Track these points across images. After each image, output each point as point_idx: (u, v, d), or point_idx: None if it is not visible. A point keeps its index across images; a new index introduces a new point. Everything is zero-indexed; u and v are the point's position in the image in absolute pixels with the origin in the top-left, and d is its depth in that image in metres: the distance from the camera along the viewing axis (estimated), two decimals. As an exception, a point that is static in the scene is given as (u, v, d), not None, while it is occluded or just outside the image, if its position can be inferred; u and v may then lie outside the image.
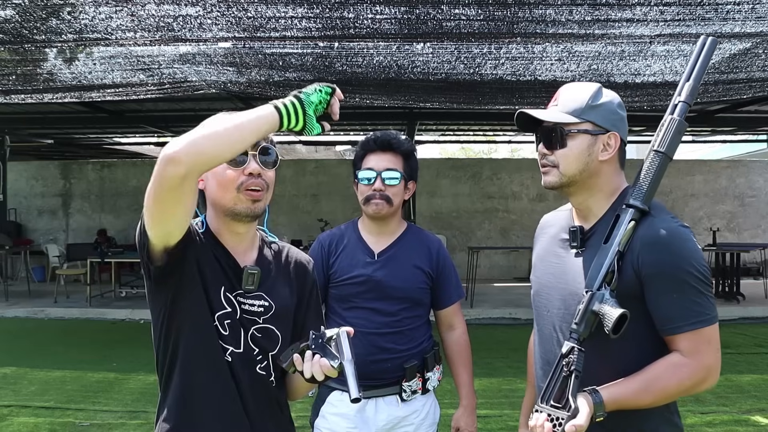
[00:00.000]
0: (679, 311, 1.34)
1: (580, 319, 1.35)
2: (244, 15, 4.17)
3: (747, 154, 15.93)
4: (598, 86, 1.48)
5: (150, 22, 4.21)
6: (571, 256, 1.50)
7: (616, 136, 1.46)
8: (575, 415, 1.29)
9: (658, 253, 1.35)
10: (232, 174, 1.40)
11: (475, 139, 15.93)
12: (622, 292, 1.36)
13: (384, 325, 2.07)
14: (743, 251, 10.32)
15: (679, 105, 1.44)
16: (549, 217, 1.70)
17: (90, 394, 5.18)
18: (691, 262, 1.35)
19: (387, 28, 4.47)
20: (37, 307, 9.36)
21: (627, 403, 1.34)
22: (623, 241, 1.37)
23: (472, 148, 29.10)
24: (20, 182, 13.20)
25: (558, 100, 1.49)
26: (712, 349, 1.35)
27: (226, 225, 1.45)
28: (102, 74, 5.50)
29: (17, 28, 4.26)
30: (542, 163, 1.49)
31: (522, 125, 1.53)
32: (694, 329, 1.34)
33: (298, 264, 1.60)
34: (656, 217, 1.39)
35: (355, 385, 1.29)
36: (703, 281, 1.36)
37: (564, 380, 1.34)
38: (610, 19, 4.20)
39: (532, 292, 1.64)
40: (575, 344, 1.35)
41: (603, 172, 1.46)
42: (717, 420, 4.48)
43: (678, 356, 1.35)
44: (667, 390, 1.36)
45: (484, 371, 5.71)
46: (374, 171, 2.10)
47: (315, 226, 10.81)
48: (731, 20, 4.18)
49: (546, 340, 1.54)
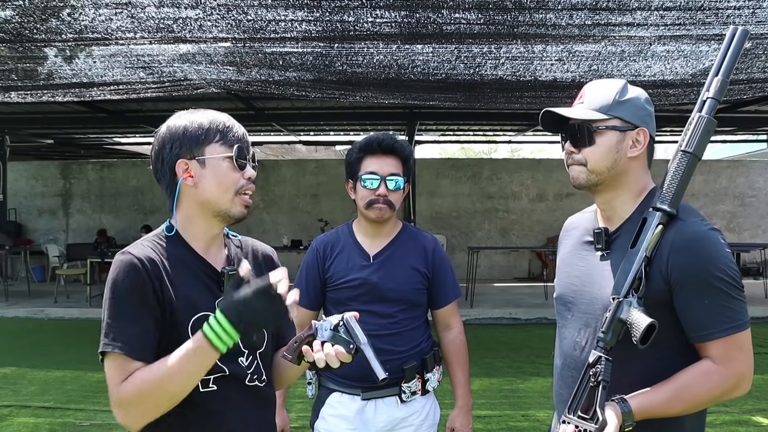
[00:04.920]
0: (710, 317, 1.30)
1: (607, 328, 1.31)
2: (244, 18, 4.17)
3: (747, 154, 15.92)
4: (624, 82, 1.44)
5: (150, 24, 4.22)
6: (596, 259, 1.46)
7: (645, 132, 1.42)
8: (603, 428, 1.26)
9: (688, 257, 1.31)
10: (235, 176, 1.36)
11: (475, 139, 15.93)
12: (650, 299, 1.32)
13: (381, 327, 2.06)
14: (743, 251, 10.31)
15: (707, 101, 1.37)
16: (573, 219, 1.66)
17: (90, 394, 5.18)
18: (721, 266, 1.31)
19: (387, 32, 4.46)
20: (37, 307, 9.36)
21: (656, 412, 1.30)
22: (651, 246, 1.33)
23: (472, 148, 29.10)
24: (20, 182, 13.19)
25: (583, 98, 1.45)
26: (744, 356, 1.32)
27: (207, 226, 1.39)
28: (102, 71, 5.50)
29: (17, 29, 4.26)
30: (569, 162, 1.45)
31: (546, 125, 1.48)
32: (726, 335, 1.30)
33: (264, 255, 1.55)
34: (686, 221, 1.35)
35: (379, 366, 1.29)
36: (735, 286, 1.32)
37: (591, 391, 1.31)
38: (611, 23, 4.20)
39: (555, 295, 1.59)
40: (602, 353, 1.31)
41: (631, 170, 1.42)
42: (718, 420, 4.47)
43: (709, 363, 1.31)
44: (698, 398, 1.32)
45: (484, 371, 5.71)
46: (378, 176, 2.09)
47: (315, 226, 10.81)
48: (732, 24, 4.17)
49: (567, 345, 1.50)
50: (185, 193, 1.36)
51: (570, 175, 1.45)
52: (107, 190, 13.37)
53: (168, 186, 1.38)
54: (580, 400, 1.32)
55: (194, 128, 1.35)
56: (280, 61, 5.32)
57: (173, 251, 1.36)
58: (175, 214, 1.38)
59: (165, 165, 1.36)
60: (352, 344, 1.30)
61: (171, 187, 1.37)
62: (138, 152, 14.53)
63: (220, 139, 1.35)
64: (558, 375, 1.54)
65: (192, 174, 1.34)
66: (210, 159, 1.34)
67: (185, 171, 1.35)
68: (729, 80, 1.39)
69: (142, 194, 13.19)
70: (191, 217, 1.38)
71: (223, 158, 1.35)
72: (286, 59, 5.25)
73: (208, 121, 1.36)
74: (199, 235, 1.39)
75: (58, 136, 12.77)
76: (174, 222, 1.39)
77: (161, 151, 1.36)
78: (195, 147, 1.35)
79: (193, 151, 1.34)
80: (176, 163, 1.35)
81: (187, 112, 1.40)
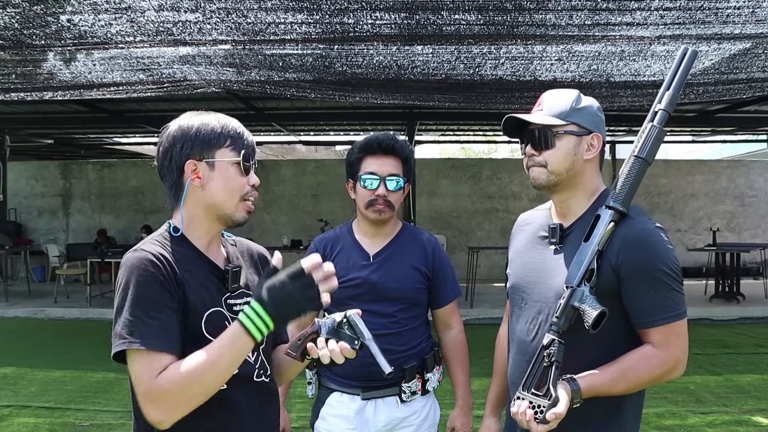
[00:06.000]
0: (653, 306, 1.44)
1: (560, 313, 1.44)
2: (244, 21, 4.17)
3: (747, 154, 15.92)
4: (578, 92, 1.58)
5: (149, 28, 4.22)
6: (550, 252, 1.58)
7: (599, 137, 1.56)
8: (555, 403, 1.36)
9: (637, 252, 1.44)
10: (242, 181, 1.38)
11: (475, 139, 15.93)
12: (601, 288, 1.44)
13: (381, 326, 2.06)
14: (743, 251, 10.30)
15: (659, 113, 1.51)
16: (527, 215, 1.79)
17: (90, 394, 5.18)
18: (666, 261, 1.44)
19: (387, 33, 4.47)
20: (37, 307, 9.36)
21: (602, 390, 1.43)
22: (603, 241, 1.46)
23: (472, 148, 29.09)
24: (20, 182, 13.20)
25: (542, 105, 1.57)
26: (681, 342, 1.46)
27: (209, 227, 1.41)
28: (101, 74, 5.51)
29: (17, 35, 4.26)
30: (529, 164, 1.57)
31: (507, 130, 1.60)
32: (666, 323, 1.44)
33: (260, 255, 1.58)
34: (635, 219, 1.48)
35: (384, 361, 1.32)
36: (676, 279, 1.46)
37: (545, 370, 1.42)
38: (610, 23, 4.20)
39: (508, 285, 1.73)
40: (556, 336, 1.43)
41: (586, 172, 1.55)
42: (718, 420, 4.47)
43: (650, 348, 1.45)
44: (639, 378, 1.45)
45: (484, 371, 5.66)
46: (377, 176, 2.09)
47: (315, 226, 10.81)
48: (731, 23, 4.18)
49: (520, 331, 1.61)
50: (191, 193, 1.38)
51: (531, 176, 1.57)
52: (107, 190, 13.37)
53: (173, 185, 1.39)
54: (534, 379, 1.43)
55: (206, 131, 1.37)
56: (279, 63, 5.33)
57: (180, 250, 1.37)
58: (181, 212, 1.39)
59: (173, 163, 1.37)
60: (356, 340, 1.32)
61: (176, 185, 1.39)
62: (138, 152, 14.53)
63: (230, 144, 1.38)
64: (512, 360, 1.66)
65: (200, 175, 1.36)
66: (219, 162, 1.37)
67: (193, 172, 1.36)
68: (678, 94, 1.53)
69: (142, 194, 13.19)
70: (195, 217, 1.40)
71: (231, 163, 1.37)
72: (286, 61, 5.25)
73: (220, 125, 1.39)
74: (201, 235, 1.41)
75: (58, 136, 12.78)
76: (176, 221, 1.40)
77: (171, 148, 1.37)
78: (205, 149, 1.36)
79: (203, 153, 1.36)
80: (185, 162, 1.36)
81: (197, 113, 1.42)
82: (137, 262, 1.28)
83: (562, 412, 1.35)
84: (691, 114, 10.25)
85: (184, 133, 1.37)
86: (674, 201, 12.65)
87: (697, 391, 5.08)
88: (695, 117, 10.02)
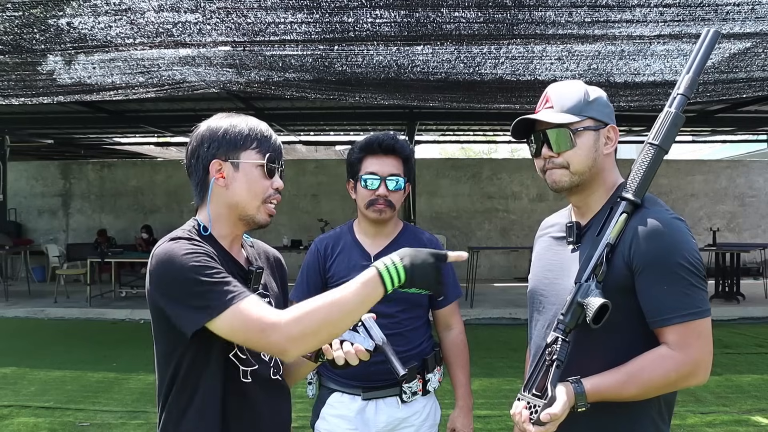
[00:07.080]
0: (669, 303, 1.32)
1: (566, 310, 1.35)
2: (244, 21, 4.17)
3: (747, 154, 15.93)
4: (583, 84, 1.50)
5: (149, 29, 4.22)
6: (567, 252, 1.49)
7: (615, 129, 1.47)
8: (551, 403, 1.28)
9: (650, 243, 1.34)
10: (265, 184, 1.41)
11: (475, 139, 15.92)
12: (613, 284, 1.35)
13: (383, 327, 2.05)
14: (743, 251, 10.31)
15: (677, 98, 1.43)
16: (550, 219, 1.70)
17: (90, 394, 5.18)
18: (683, 253, 1.33)
19: (386, 32, 4.47)
20: (37, 307, 9.36)
21: (610, 394, 1.32)
22: (614, 234, 1.36)
23: (472, 148, 29.09)
24: (20, 182, 13.19)
25: (551, 101, 1.47)
26: (702, 344, 1.33)
27: (232, 227, 1.44)
28: (101, 78, 5.51)
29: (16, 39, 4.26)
30: (547, 167, 1.46)
31: (516, 133, 1.50)
32: (683, 321, 1.31)
33: (275, 258, 1.62)
34: (650, 209, 1.38)
35: (399, 363, 1.35)
36: (696, 273, 1.33)
37: (546, 370, 1.34)
38: (610, 20, 4.20)
39: (528, 290, 1.63)
40: (560, 335, 1.34)
41: (606, 167, 1.47)
42: (717, 420, 4.48)
43: (665, 348, 1.32)
44: (652, 382, 1.32)
45: (484, 371, 5.72)
46: (378, 176, 2.09)
47: (315, 226, 10.81)
48: (731, 21, 4.18)
49: (537, 336, 1.53)
50: (216, 192, 1.41)
51: (550, 179, 1.46)
52: (107, 190, 13.36)
53: (199, 183, 1.43)
54: (536, 379, 1.36)
55: (234, 132, 1.40)
56: (279, 63, 5.33)
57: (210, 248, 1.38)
58: (208, 210, 1.41)
59: (199, 162, 1.41)
60: (371, 343, 1.35)
61: (202, 184, 1.42)
62: (138, 152, 14.54)
63: (257, 146, 1.41)
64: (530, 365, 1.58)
65: (224, 175, 1.39)
66: (243, 164, 1.39)
67: (218, 171, 1.39)
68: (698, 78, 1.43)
69: (142, 194, 13.18)
70: (219, 216, 1.43)
71: (256, 165, 1.40)
72: (286, 61, 5.25)
73: (248, 127, 1.41)
74: (225, 234, 1.44)
75: (58, 136, 12.78)
76: (203, 219, 1.43)
77: (198, 148, 1.41)
78: (231, 150, 1.39)
79: (229, 154, 1.39)
80: (211, 162, 1.39)
81: (227, 114, 1.45)
82: (183, 244, 1.31)
83: (558, 413, 1.27)
84: (691, 114, 10.25)
85: (212, 133, 1.40)
86: (674, 201, 12.64)
87: (697, 391, 5.07)
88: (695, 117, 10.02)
